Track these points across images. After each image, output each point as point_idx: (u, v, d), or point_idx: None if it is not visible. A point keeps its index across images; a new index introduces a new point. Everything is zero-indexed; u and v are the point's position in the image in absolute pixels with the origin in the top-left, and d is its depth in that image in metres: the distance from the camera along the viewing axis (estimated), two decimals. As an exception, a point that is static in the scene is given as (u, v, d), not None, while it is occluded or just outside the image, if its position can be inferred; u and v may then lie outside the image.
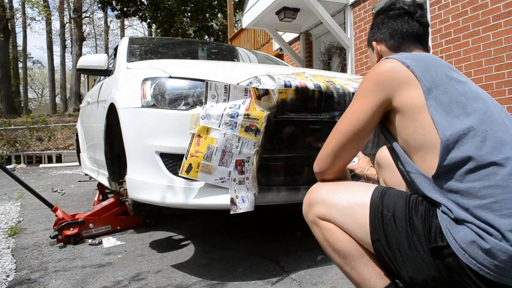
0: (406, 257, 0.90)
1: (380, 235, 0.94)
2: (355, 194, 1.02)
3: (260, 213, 2.71)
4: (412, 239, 0.89)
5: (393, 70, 0.95)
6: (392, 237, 0.92)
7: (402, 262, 0.92)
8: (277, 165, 1.80)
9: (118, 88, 2.22)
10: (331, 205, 1.03)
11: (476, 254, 0.80)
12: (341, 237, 1.01)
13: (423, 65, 0.95)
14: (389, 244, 0.93)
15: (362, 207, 0.97)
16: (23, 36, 25.86)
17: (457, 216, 0.83)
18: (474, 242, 0.80)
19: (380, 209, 0.95)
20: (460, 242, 0.82)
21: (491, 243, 0.78)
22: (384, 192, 0.98)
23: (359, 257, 1.00)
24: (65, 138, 10.93)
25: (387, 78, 0.96)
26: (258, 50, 8.62)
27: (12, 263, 2.10)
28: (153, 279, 1.79)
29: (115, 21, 28.77)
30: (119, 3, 15.85)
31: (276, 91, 1.67)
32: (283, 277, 1.75)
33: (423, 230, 0.88)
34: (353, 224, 0.99)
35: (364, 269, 0.99)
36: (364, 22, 5.18)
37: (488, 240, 0.79)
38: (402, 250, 0.91)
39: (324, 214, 1.04)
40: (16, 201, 4.14)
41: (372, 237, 0.95)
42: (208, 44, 4.47)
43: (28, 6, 21.70)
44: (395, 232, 0.91)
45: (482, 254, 0.79)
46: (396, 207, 0.93)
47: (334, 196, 1.04)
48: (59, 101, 25.99)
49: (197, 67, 2.13)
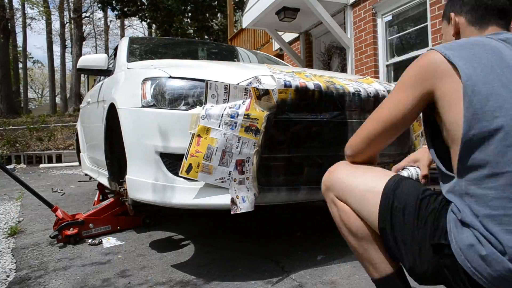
0: (409, 249, 0.93)
1: (387, 225, 0.96)
2: (370, 180, 1.04)
3: (260, 213, 2.72)
4: (418, 233, 0.90)
5: (434, 63, 0.92)
6: (398, 228, 0.94)
7: (404, 253, 0.94)
8: (277, 165, 1.80)
9: (118, 88, 2.22)
10: (347, 188, 1.07)
11: (472, 258, 0.80)
12: (356, 221, 1.05)
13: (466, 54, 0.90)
14: (394, 234, 0.95)
15: (374, 195, 1.00)
16: (23, 36, 25.86)
17: (464, 219, 0.83)
18: (472, 246, 0.80)
19: (391, 199, 0.96)
20: (460, 244, 0.82)
21: (488, 250, 0.78)
22: (399, 183, 0.99)
23: (371, 242, 1.04)
24: (65, 138, 10.92)
25: (427, 71, 0.93)
26: (258, 50, 8.62)
27: (12, 263, 2.10)
28: (153, 279, 1.79)
29: (115, 21, 28.78)
30: (119, 3, 15.86)
31: (276, 91, 1.67)
32: (283, 277, 1.75)
33: (431, 227, 0.89)
34: (364, 209, 1.02)
35: (374, 252, 1.04)
36: (364, 22, 5.18)
37: (486, 247, 0.79)
38: (407, 242, 0.93)
39: (340, 196, 1.08)
40: (16, 201, 4.14)
41: (379, 225, 0.98)
42: (208, 44, 4.48)
43: (28, 6, 21.72)
44: (402, 224, 0.93)
45: (478, 259, 0.80)
46: (407, 200, 0.94)
47: (350, 180, 1.07)
48: (59, 101, 26.00)
49: (197, 67, 2.13)
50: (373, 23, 5.06)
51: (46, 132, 10.97)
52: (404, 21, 4.85)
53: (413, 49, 4.66)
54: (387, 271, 1.02)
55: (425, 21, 4.36)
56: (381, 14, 5.04)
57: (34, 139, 10.58)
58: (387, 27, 5.05)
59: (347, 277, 1.73)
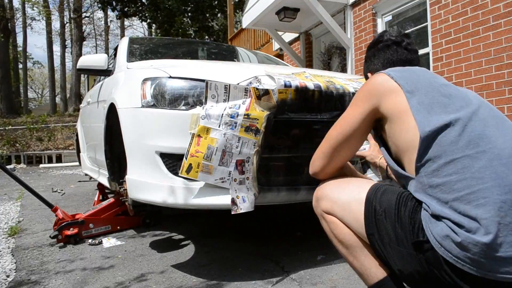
0: (395, 251, 0.95)
1: (373, 230, 0.99)
2: (354, 190, 1.08)
3: (260, 213, 2.71)
4: (400, 234, 0.93)
5: (381, 82, 1.05)
6: (383, 231, 0.97)
7: (392, 255, 0.97)
8: (277, 165, 1.80)
9: (118, 88, 2.22)
10: (333, 201, 1.11)
11: (450, 248, 0.83)
12: (343, 230, 1.09)
13: (406, 74, 1.04)
14: (381, 238, 0.98)
15: (359, 203, 1.04)
16: (23, 36, 25.85)
17: (435, 212, 0.87)
18: (448, 236, 0.84)
19: (373, 205, 1.00)
20: (436, 236, 0.85)
21: (462, 236, 0.81)
22: (380, 189, 1.03)
23: (360, 249, 1.07)
24: (65, 138, 10.93)
25: (374, 89, 1.05)
26: (258, 50, 8.62)
27: (12, 263, 2.10)
28: (153, 279, 1.79)
29: (115, 21, 28.76)
30: (119, 3, 15.85)
31: (276, 91, 1.67)
32: (283, 277, 1.75)
33: (409, 226, 0.92)
34: (351, 218, 1.06)
35: (365, 260, 1.06)
36: (364, 22, 5.18)
37: (459, 234, 0.82)
38: (392, 245, 0.95)
39: (328, 209, 1.12)
40: (16, 201, 4.14)
41: (366, 231, 1.01)
42: (208, 44, 4.47)
43: (28, 6, 21.70)
44: (386, 227, 0.96)
45: (455, 247, 0.83)
46: (388, 203, 0.98)
47: (336, 192, 1.12)
48: (59, 101, 25.99)
49: (197, 67, 2.13)
50: (373, 23, 5.05)
51: (46, 132, 10.98)
52: (404, 21, 4.85)
53: (413, 49, 4.65)
54: (379, 276, 1.04)
55: (425, 21, 4.36)
56: (381, 14, 5.04)
57: (34, 139, 10.58)
58: (387, 27, 5.04)
59: (347, 277, 1.73)
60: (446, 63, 3.96)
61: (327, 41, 6.61)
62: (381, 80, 1.05)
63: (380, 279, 1.03)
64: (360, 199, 1.03)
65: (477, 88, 3.60)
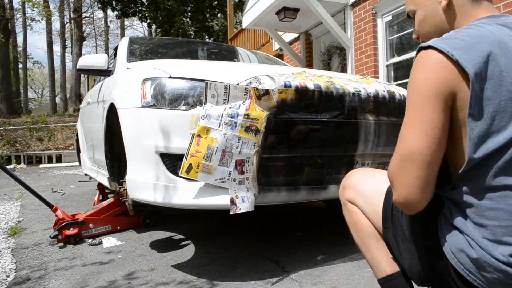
0: (407, 248, 0.94)
1: (389, 224, 0.99)
2: (378, 182, 1.07)
3: (260, 213, 2.72)
4: (413, 234, 0.92)
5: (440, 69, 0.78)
6: (398, 227, 0.96)
7: (403, 251, 0.96)
8: (277, 165, 1.80)
9: (118, 88, 2.22)
10: (357, 191, 1.11)
11: (464, 261, 0.80)
12: (362, 220, 1.10)
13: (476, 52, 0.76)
14: (395, 233, 0.97)
15: (380, 195, 1.03)
16: (23, 36, 25.89)
17: (456, 224, 0.82)
18: (464, 249, 0.80)
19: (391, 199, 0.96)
20: (451, 246, 0.82)
21: (479, 254, 0.78)
22: None
23: (375, 241, 1.07)
24: (65, 138, 10.92)
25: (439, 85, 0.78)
26: (258, 50, 8.62)
27: (12, 263, 2.10)
28: (153, 279, 1.79)
29: (115, 21, 28.77)
30: (119, 3, 15.84)
31: (276, 91, 1.67)
32: (283, 277, 1.75)
33: (424, 227, 0.91)
34: (371, 210, 1.06)
35: (377, 252, 1.07)
36: (364, 22, 5.18)
37: (477, 250, 0.78)
38: (405, 242, 0.95)
39: (352, 199, 1.13)
40: (16, 201, 4.14)
41: (383, 224, 1.01)
42: (208, 44, 4.47)
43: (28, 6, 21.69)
44: (401, 223, 0.95)
45: (469, 262, 0.79)
46: None
47: (361, 183, 1.12)
48: (59, 101, 25.99)
49: (197, 67, 2.13)
50: (373, 23, 5.05)
51: (46, 132, 10.97)
52: (404, 21, 4.85)
53: (413, 49, 4.65)
54: (388, 271, 1.04)
55: (425, 21, 4.36)
56: (381, 14, 5.04)
57: (34, 139, 10.58)
58: (387, 27, 5.05)
59: (347, 277, 1.73)
60: (446, 63, 3.96)
61: (327, 41, 6.61)
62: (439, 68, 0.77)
63: (388, 274, 1.04)
64: (382, 191, 1.03)
65: (477, 88, 3.60)
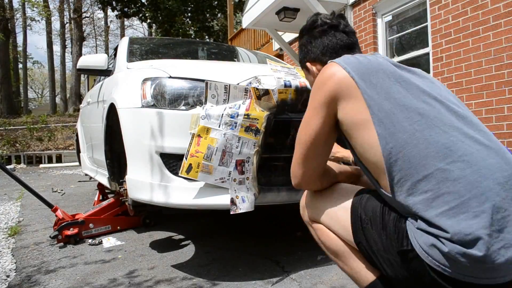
0: (384, 258, 0.94)
1: (361, 238, 0.98)
2: (339, 198, 1.05)
3: (260, 213, 2.71)
4: (386, 243, 0.91)
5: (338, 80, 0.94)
6: (371, 240, 0.95)
7: (381, 262, 0.95)
8: (277, 165, 1.80)
9: (118, 88, 2.22)
10: (318, 209, 1.09)
11: (437, 257, 0.81)
12: (330, 237, 1.08)
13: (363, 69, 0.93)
14: (370, 246, 0.96)
15: (345, 211, 1.01)
16: (23, 36, 25.86)
17: (420, 226, 0.84)
18: (434, 245, 0.81)
19: (359, 213, 0.98)
20: (422, 245, 0.83)
21: (449, 247, 0.79)
22: (364, 196, 1.00)
23: (348, 254, 1.06)
24: (65, 138, 10.93)
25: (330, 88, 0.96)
26: (258, 50, 8.62)
27: (12, 263, 2.10)
28: (153, 279, 1.79)
29: (115, 21, 28.75)
30: (119, 3, 15.85)
31: (276, 91, 1.67)
32: (283, 277, 1.75)
33: (394, 234, 0.90)
34: (338, 226, 1.04)
35: (354, 263, 1.05)
36: (364, 22, 5.18)
37: (446, 244, 0.79)
38: (380, 252, 0.94)
39: (314, 217, 1.11)
40: (16, 201, 4.14)
41: (355, 239, 1.00)
42: (208, 44, 4.47)
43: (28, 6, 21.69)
44: (372, 235, 0.94)
45: (442, 257, 0.80)
46: (373, 211, 0.96)
47: (321, 200, 1.09)
48: (59, 101, 25.98)
49: (197, 67, 2.13)
50: (373, 23, 5.05)
51: (46, 132, 10.97)
52: (404, 21, 4.85)
53: (413, 49, 4.65)
54: (370, 279, 1.03)
55: (425, 21, 4.35)
56: (381, 14, 5.03)
57: (34, 139, 10.58)
58: (387, 27, 5.05)
59: (347, 277, 1.73)
60: (446, 63, 3.96)
61: (327, 41, 6.61)
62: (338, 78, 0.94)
63: (371, 282, 1.02)
64: (346, 207, 1.01)
65: (477, 88, 3.60)
